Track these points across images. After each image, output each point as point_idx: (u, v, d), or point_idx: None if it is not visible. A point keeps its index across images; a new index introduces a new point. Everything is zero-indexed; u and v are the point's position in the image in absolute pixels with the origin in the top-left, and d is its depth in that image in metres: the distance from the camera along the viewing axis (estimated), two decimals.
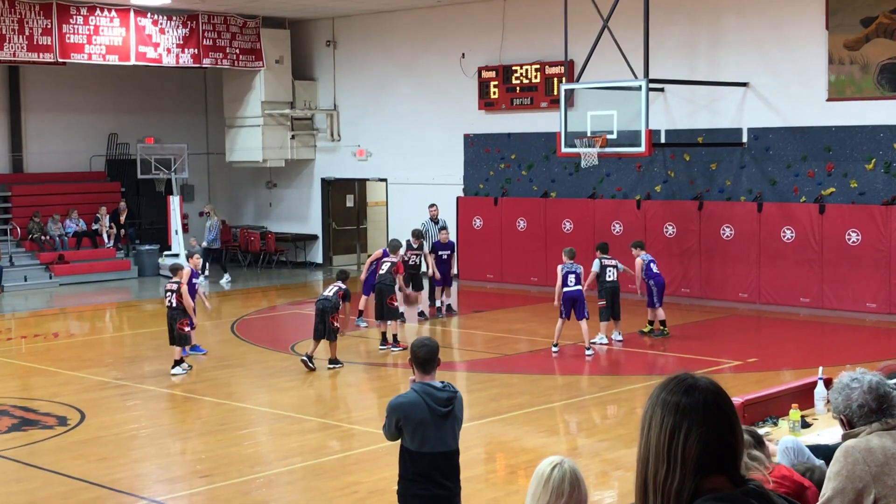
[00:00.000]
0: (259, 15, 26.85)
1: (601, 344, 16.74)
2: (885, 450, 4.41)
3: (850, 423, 4.65)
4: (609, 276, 16.90)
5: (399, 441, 6.84)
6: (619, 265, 17.14)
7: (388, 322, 16.82)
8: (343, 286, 15.64)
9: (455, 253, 21.14)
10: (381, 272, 17.11)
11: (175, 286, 15.30)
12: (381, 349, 16.89)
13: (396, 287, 17.03)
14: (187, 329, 15.30)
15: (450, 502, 6.78)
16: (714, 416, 2.72)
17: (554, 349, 16.37)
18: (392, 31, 26.34)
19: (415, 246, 19.42)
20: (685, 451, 2.69)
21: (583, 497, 4.45)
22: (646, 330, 17.69)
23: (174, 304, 15.26)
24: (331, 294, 15.47)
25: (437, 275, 19.94)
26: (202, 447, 11.71)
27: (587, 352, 16.23)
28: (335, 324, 15.35)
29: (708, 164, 21.10)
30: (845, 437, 4.60)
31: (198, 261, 16.91)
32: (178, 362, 15.26)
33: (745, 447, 5.57)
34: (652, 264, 17.48)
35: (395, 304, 16.82)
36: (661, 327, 17.52)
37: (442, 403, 6.65)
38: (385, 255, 18.33)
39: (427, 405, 6.61)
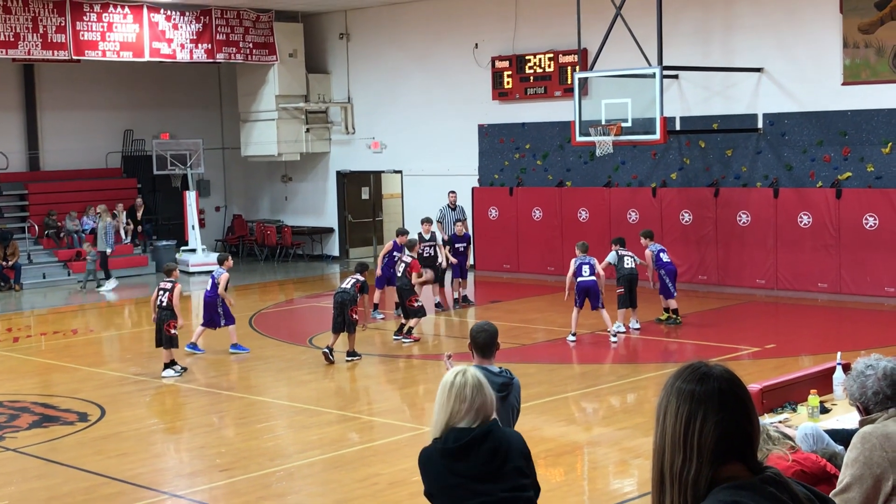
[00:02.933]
0: (272, 9, 26.87)
1: (618, 332, 16.74)
2: None
3: (866, 410, 4.64)
4: (627, 264, 16.95)
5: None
6: (636, 258, 17.19)
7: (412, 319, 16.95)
8: (361, 278, 15.68)
9: (471, 245, 21.13)
10: (398, 273, 17.16)
11: (169, 285, 15.00)
12: (394, 339, 16.99)
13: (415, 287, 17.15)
14: (174, 331, 14.91)
15: None
16: (729, 403, 2.72)
17: (571, 338, 16.40)
18: (405, 23, 26.32)
19: (426, 237, 19.36)
20: (701, 439, 2.68)
21: (487, 400, 4.64)
22: (662, 318, 17.68)
23: (165, 304, 14.93)
24: (349, 286, 15.51)
25: (454, 260, 19.95)
26: (222, 441, 11.76)
27: (612, 338, 16.29)
28: (354, 316, 15.40)
29: (723, 151, 21.04)
30: (862, 424, 4.59)
31: (231, 262, 16.84)
32: (168, 364, 14.98)
33: (777, 440, 5.57)
34: (662, 254, 17.48)
35: (417, 304, 16.85)
36: (674, 316, 17.52)
37: (497, 388, 6.71)
38: (396, 247, 18.33)
39: None
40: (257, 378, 15.05)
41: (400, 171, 26.90)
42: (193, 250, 26.99)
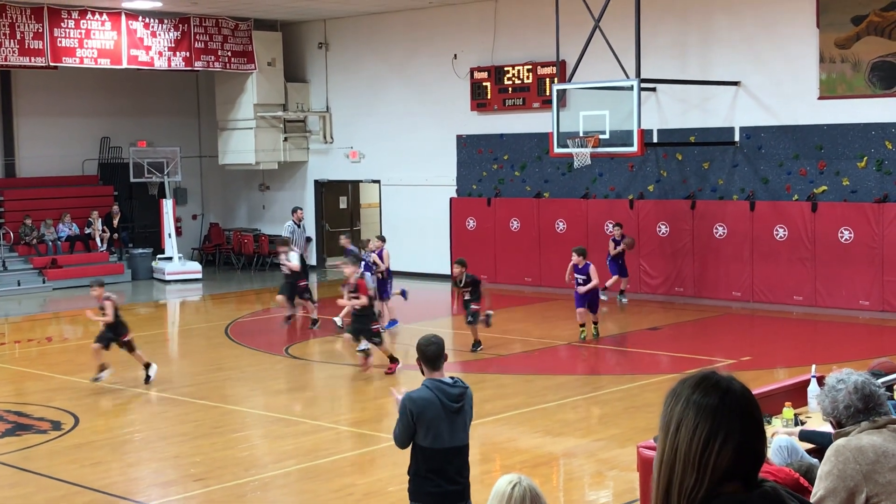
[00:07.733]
0: (251, 17, 26.84)
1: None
2: (875, 448, 4.42)
3: (838, 424, 4.67)
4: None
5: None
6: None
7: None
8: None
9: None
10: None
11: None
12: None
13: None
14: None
15: (461, 497, 6.81)
16: (750, 424, 2.63)
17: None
18: (384, 33, 26.33)
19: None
20: (718, 460, 2.58)
21: None
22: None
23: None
24: None
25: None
26: (196, 450, 11.70)
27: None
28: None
29: (700, 164, 21.13)
30: (836, 437, 4.62)
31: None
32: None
33: None
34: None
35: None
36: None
37: (454, 399, 6.71)
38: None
39: (440, 401, 6.67)
40: (232, 387, 14.99)
41: (378, 181, 26.88)
42: (170, 258, 26.89)
